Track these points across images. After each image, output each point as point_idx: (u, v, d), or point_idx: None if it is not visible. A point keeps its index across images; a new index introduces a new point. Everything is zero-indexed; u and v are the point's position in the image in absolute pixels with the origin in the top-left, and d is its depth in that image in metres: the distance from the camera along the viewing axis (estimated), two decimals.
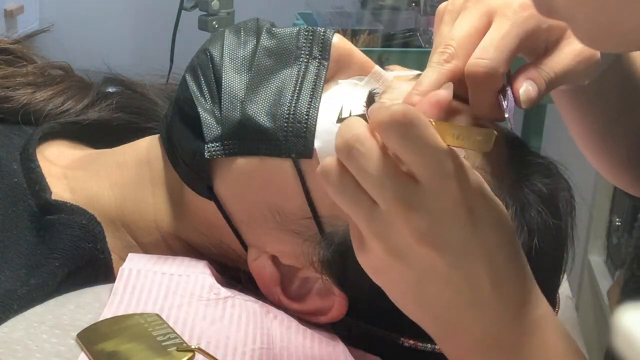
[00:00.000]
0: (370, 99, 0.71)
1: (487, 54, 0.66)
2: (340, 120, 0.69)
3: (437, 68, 0.67)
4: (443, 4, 0.71)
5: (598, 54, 0.67)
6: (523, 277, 0.59)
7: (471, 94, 0.68)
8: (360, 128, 0.56)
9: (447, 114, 0.69)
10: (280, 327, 0.70)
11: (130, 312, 0.67)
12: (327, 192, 0.58)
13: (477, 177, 0.57)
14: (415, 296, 0.58)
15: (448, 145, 0.56)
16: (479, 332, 0.58)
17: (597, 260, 2.34)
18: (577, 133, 0.84)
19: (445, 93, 0.62)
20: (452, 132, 0.57)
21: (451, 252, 0.56)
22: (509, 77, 0.68)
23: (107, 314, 0.66)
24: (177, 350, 0.63)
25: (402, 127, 0.55)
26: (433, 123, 0.56)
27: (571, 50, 0.66)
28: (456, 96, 0.71)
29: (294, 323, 0.72)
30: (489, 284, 0.57)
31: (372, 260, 0.58)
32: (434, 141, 0.55)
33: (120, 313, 0.67)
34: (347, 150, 0.56)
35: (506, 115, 0.67)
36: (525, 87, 0.66)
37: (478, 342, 0.58)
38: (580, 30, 0.54)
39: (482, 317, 0.58)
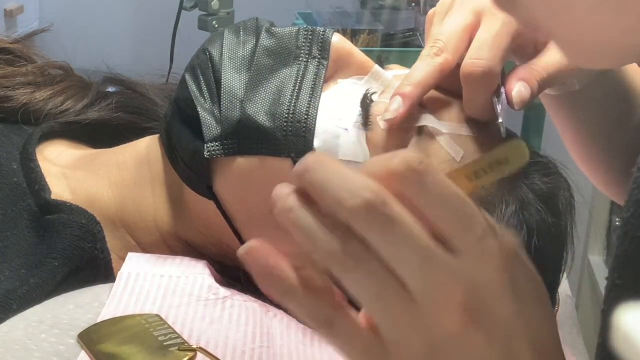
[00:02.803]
0: (365, 99, 0.71)
1: (483, 53, 0.66)
2: None
3: (428, 61, 0.67)
4: (432, 10, 0.72)
5: None
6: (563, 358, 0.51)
7: (466, 94, 0.68)
8: (379, 190, 0.43)
9: (438, 108, 0.69)
10: (280, 326, 0.70)
11: (129, 312, 0.67)
12: (349, 289, 0.44)
13: (508, 233, 0.47)
14: None
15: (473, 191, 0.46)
16: None
17: (597, 260, 2.33)
18: (570, 143, 0.83)
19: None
20: (470, 171, 0.47)
21: (497, 334, 0.46)
22: (503, 77, 0.68)
23: (106, 314, 0.66)
24: (179, 350, 0.63)
25: (417, 178, 0.44)
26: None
27: None
28: (447, 91, 0.71)
29: (294, 322, 0.72)
30: None
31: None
32: (461, 198, 0.45)
33: (119, 314, 0.66)
34: (376, 223, 0.43)
35: (500, 120, 0.67)
36: (518, 89, 0.66)
37: None
38: (564, 48, 0.49)
39: None
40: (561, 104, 0.77)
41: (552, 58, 0.66)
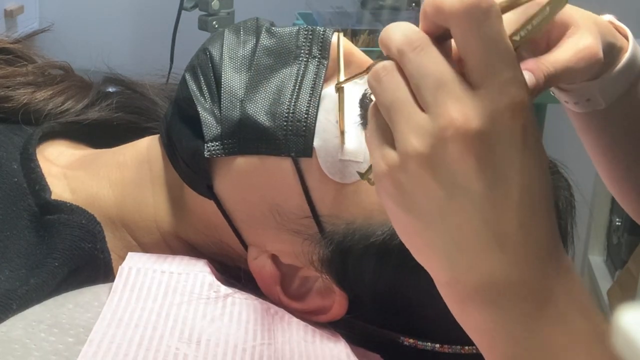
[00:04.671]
0: (364, 99, 0.71)
1: None
2: (363, 176, 0.63)
3: None
4: None
5: (600, 53, 0.66)
6: (553, 223, 0.53)
7: None
8: (418, 32, 0.52)
9: None
10: (282, 323, 0.71)
11: (130, 310, 0.67)
12: (375, 97, 0.53)
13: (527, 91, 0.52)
14: (438, 220, 0.51)
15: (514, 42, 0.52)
16: (499, 270, 0.51)
17: (597, 260, 2.34)
18: (597, 163, 0.82)
19: None
20: (517, 32, 0.53)
21: (494, 170, 0.50)
22: None
23: (106, 311, 0.66)
24: None
25: (481, 16, 0.50)
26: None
27: (572, 47, 0.65)
28: None
29: (295, 319, 0.72)
30: (517, 218, 0.51)
31: (398, 173, 0.51)
32: (506, 41, 0.51)
33: (120, 310, 0.67)
34: (407, 48, 0.52)
35: None
36: None
37: (494, 283, 0.51)
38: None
39: (506, 256, 0.51)
40: (588, 122, 0.76)
41: (561, 55, 0.66)
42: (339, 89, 0.70)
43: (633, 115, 0.74)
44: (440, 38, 0.53)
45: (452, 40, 0.53)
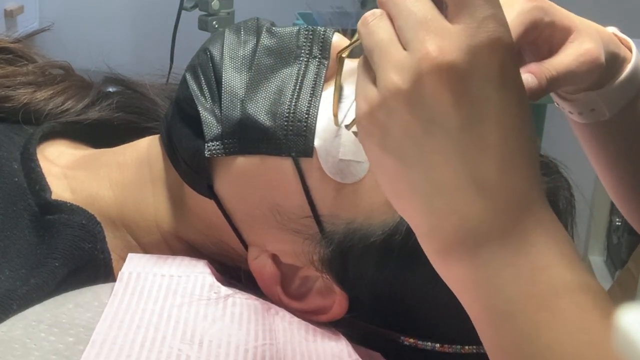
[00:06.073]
0: None
1: None
2: (348, 127, 0.66)
3: None
4: None
5: (602, 57, 0.66)
6: (534, 171, 0.52)
7: None
8: None
9: None
10: (283, 322, 0.71)
11: (131, 311, 0.67)
12: (362, 42, 0.54)
13: (509, 31, 0.52)
14: (416, 158, 0.51)
15: None
16: (478, 216, 0.51)
17: (597, 260, 2.34)
18: (601, 174, 0.82)
19: None
20: None
21: (470, 107, 0.50)
22: None
23: (108, 313, 0.66)
24: None
25: None
26: None
27: (574, 51, 0.66)
28: None
29: (296, 319, 0.72)
30: (495, 161, 0.50)
31: (377, 110, 0.52)
32: None
33: (121, 312, 0.67)
34: None
35: None
36: (525, 78, 0.65)
37: (473, 231, 0.51)
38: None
39: (484, 201, 0.50)
40: (591, 133, 0.76)
41: (563, 59, 0.66)
42: (340, 59, 0.70)
43: (636, 125, 0.74)
44: None
45: None
